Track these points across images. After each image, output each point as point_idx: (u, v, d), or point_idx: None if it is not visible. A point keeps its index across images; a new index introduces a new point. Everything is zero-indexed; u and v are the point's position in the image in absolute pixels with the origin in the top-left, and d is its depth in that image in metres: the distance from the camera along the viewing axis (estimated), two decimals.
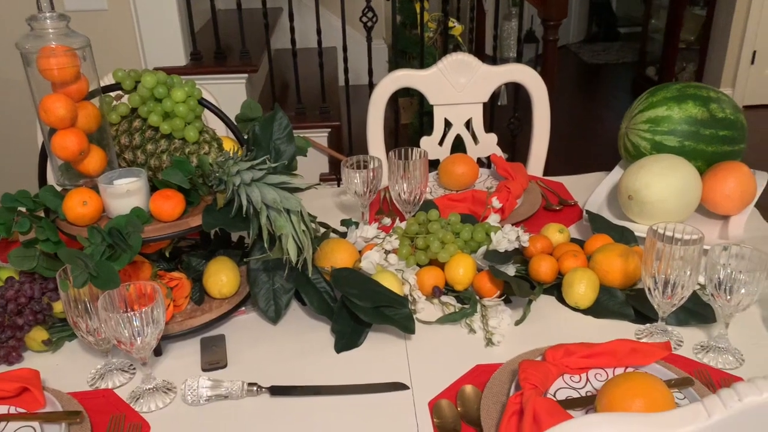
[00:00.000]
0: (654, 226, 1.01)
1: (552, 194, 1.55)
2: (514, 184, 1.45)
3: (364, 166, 1.38)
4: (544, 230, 1.29)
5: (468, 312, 1.10)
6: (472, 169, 1.54)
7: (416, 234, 1.23)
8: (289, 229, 1.01)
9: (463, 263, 1.17)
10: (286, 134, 1.18)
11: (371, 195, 1.37)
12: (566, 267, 1.17)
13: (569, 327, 1.11)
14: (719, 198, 1.33)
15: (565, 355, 0.95)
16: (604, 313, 1.12)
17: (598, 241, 1.23)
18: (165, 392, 0.98)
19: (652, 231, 1.00)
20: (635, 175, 1.32)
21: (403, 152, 1.37)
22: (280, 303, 1.12)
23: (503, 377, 0.96)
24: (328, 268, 1.16)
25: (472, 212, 1.40)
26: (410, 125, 3.48)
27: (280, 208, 1.00)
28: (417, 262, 1.21)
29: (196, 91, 1.06)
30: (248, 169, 1.02)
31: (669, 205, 1.29)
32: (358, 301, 1.07)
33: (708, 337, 1.07)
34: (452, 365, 1.02)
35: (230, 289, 1.11)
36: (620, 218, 1.38)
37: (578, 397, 0.91)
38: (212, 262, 1.12)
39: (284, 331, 1.12)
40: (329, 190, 1.64)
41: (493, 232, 1.22)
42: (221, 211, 1.03)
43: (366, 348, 1.07)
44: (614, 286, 1.15)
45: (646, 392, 0.81)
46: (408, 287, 1.16)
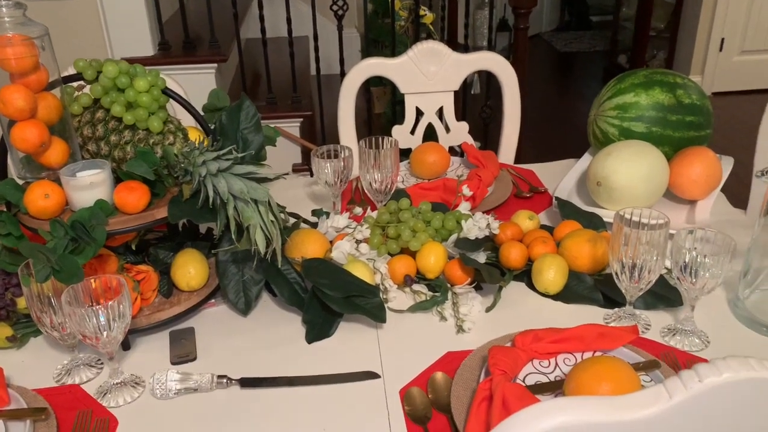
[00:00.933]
0: (621, 212, 1.02)
1: (523, 182, 1.56)
2: (485, 172, 1.45)
3: (334, 155, 1.37)
4: (515, 217, 1.29)
5: (439, 300, 1.10)
6: (443, 158, 1.54)
7: (387, 223, 1.23)
8: (257, 219, 1.00)
9: (434, 251, 1.17)
10: (254, 124, 1.16)
11: (342, 185, 1.36)
12: (536, 253, 1.18)
13: (539, 313, 1.11)
14: (686, 183, 1.35)
15: (534, 340, 0.96)
16: (573, 298, 1.13)
17: (567, 227, 1.24)
18: (133, 386, 0.96)
19: (619, 216, 1.01)
20: (603, 162, 1.33)
21: (373, 141, 1.36)
22: (250, 295, 1.11)
23: (473, 363, 0.97)
24: (298, 259, 1.15)
25: (444, 201, 1.40)
26: (383, 115, 3.47)
27: (248, 199, 0.99)
28: (388, 251, 1.21)
29: (159, 80, 1.04)
30: (214, 159, 1.01)
31: (637, 190, 1.30)
32: (329, 291, 1.07)
33: (675, 320, 1.08)
34: (423, 353, 1.02)
35: (199, 281, 1.10)
36: (589, 204, 1.40)
37: (547, 381, 0.92)
38: (180, 254, 1.11)
39: (255, 323, 1.11)
40: (300, 180, 1.63)
41: (464, 220, 1.22)
42: (187, 203, 1.02)
43: (337, 338, 1.07)
44: (583, 271, 1.16)
45: (613, 376, 0.81)
46: (379, 276, 1.16)
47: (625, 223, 1.01)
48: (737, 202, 1.47)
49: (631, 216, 1.03)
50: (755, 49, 4.31)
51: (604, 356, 0.85)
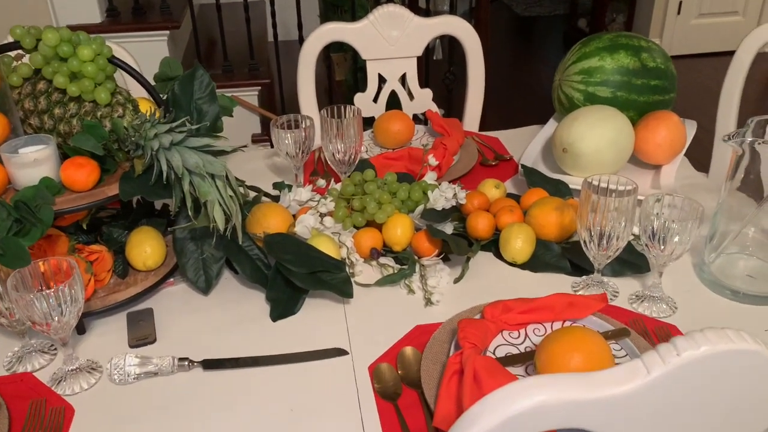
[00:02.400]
0: (588, 179, 1.00)
1: (488, 149, 1.53)
2: (450, 141, 1.42)
3: (295, 125, 1.32)
4: (481, 186, 1.27)
5: (406, 272, 1.08)
6: (407, 127, 1.50)
7: (352, 195, 1.19)
8: (214, 195, 0.95)
9: (401, 223, 1.14)
10: (208, 93, 1.11)
11: (304, 156, 1.32)
12: (503, 222, 1.16)
13: (507, 282, 1.10)
14: (651, 148, 1.34)
15: (504, 311, 0.94)
16: (540, 267, 1.12)
17: (533, 195, 1.22)
18: (89, 372, 0.92)
19: (587, 183, 1.00)
20: (569, 128, 1.31)
21: (335, 110, 1.32)
22: (210, 273, 1.07)
23: (443, 337, 0.95)
24: (260, 234, 1.11)
25: (409, 171, 1.37)
26: (344, 82, 3.40)
27: (204, 174, 0.94)
28: (353, 224, 1.17)
29: (105, 48, 0.98)
30: (167, 132, 0.96)
31: (603, 156, 1.29)
32: (293, 267, 1.03)
33: (642, 286, 1.08)
34: (392, 327, 1.00)
35: (155, 260, 1.05)
36: (555, 171, 1.38)
37: (518, 353, 0.91)
38: (135, 232, 1.06)
39: (216, 302, 1.07)
40: (261, 152, 1.58)
41: (430, 190, 1.19)
42: (140, 179, 0.96)
43: (303, 315, 1.04)
44: (550, 239, 1.15)
45: (584, 346, 0.80)
46: (345, 250, 1.13)
47: (593, 190, 1.00)
48: (698, 166, 1.47)
49: (599, 183, 1.01)
50: (713, 12, 4.34)
51: (574, 326, 0.84)
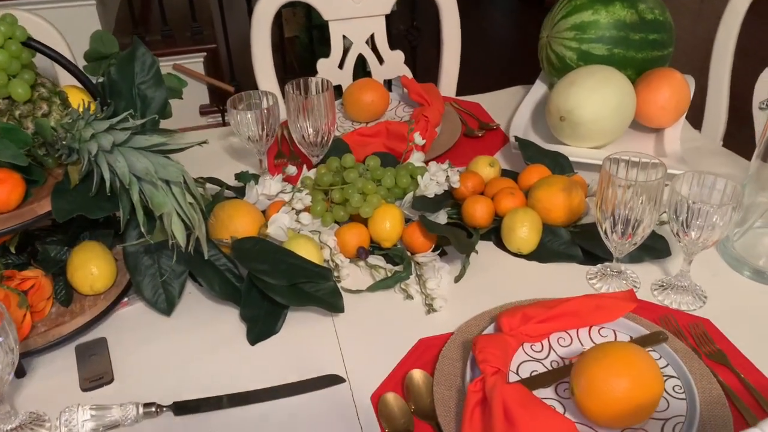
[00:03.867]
0: (613, 156, 0.87)
1: (471, 118, 1.39)
2: (431, 111, 1.27)
3: (255, 104, 1.15)
4: (473, 165, 1.13)
5: (402, 276, 0.94)
6: (381, 97, 1.34)
7: (330, 185, 1.04)
8: (171, 205, 0.78)
9: (390, 216, 1.00)
10: (153, 76, 0.92)
11: (269, 139, 1.15)
12: (504, 208, 1.03)
13: (514, 277, 0.97)
14: (654, 110, 1.21)
15: (523, 321, 0.81)
16: (549, 256, 1.00)
17: (533, 173, 1.09)
18: (33, 430, 0.76)
19: (609, 162, 0.87)
20: (566, 93, 1.17)
21: (302, 84, 1.14)
22: (171, 291, 0.91)
23: (453, 354, 0.82)
24: (227, 240, 0.95)
25: (389, 149, 1.21)
26: (297, 40, 3.17)
27: (156, 181, 0.77)
28: (335, 219, 1.02)
29: (18, 30, 0.78)
30: (107, 130, 0.78)
31: (605, 124, 1.16)
32: (269, 279, 0.88)
33: (664, 273, 0.97)
34: (392, 343, 0.86)
35: (104, 282, 0.88)
36: (547, 140, 1.25)
37: (545, 372, 0.78)
38: (77, 250, 0.88)
39: (181, 324, 0.91)
40: (214, 133, 1.40)
41: (420, 174, 1.04)
42: (77, 190, 0.79)
43: (286, 334, 0.89)
44: (557, 224, 1.02)
45: (631, 369, 0.68)
46: (328, 252, 0.98)
47: (613, 169, 0.87)
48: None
49: (619, 162, 0.88)
50: None
51: (615, 344, 0.72)
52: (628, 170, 0.89)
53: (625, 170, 0.89)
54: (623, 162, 0.89)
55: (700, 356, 0.81)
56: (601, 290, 0.94)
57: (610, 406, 0.67)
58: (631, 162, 0.89)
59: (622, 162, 0.89)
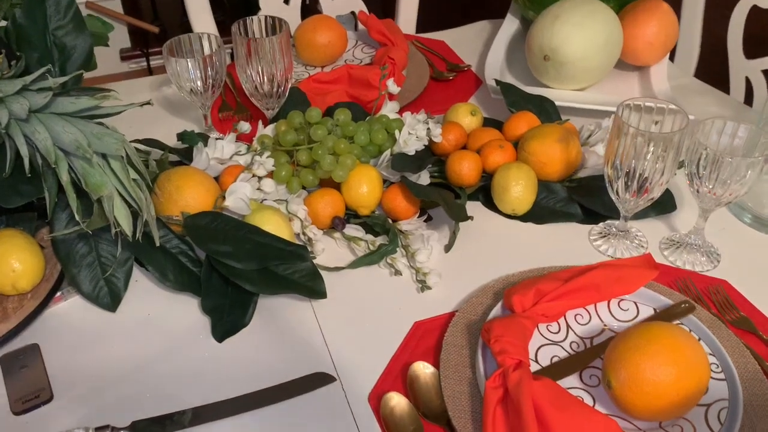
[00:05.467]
0: (627, 103, 0.76)
1: (437, 58, 1.25)
2: (396, 52, 1.12)
3: (194, 51, 0.97)
4: (452, 113, 1.00)
5: (389, 249, 0.82)
6: (339, 37, 1.18)
7: (295, 146, 0.89)
8: (111, 185, 0.62)
9: (366, 179, 0.87)
10: (71, 18, 0.74)
11: (216, 91, 0.98)
12: (493, 163, 0.91)
13: (510, 242, 0.87)
14: (641, 46, 1.11)
15: (536, 298, 0.71)
16: (546, 216, 0.90)
17: (521, 122, 0.97)
18: None
19: (622, 109, 0.76)
20: (550, 29, 1.05)
21: (249, 24, 0.98)
22: (115, 282, 0.75)
23: (458, 339, 0.71)
24: (177, 217, 0.80)
25: (353, 98, 1.07)
26: None
27: (90, 155, 0.61)
28: (303, 184, 0.88)
29: None
30: (19, 92, 0.61)
31: (592, 62, 1.05)
32: (234, 262, 0.74)
33: (669, 229, 0.89)
34: (383, 328, 0.75)
35: (30, 279, 0.72)
36: (525, 82, 1.13)
37: (567, 357, 0.69)
38: None
39: (130, 320, 0.76)
40: (144, 83, 1.21)
41: (397, 129, 0.91)
42: None
43: (258, 325, 0.76)
44: (552, 179, 0.91)
45: (677, 355, 0.59)
46: (298, 224, 0.84)
47: (626, 116, 0.76)
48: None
49: (630, 109, 0.78)
50: None
51: (653, 327, 0.62)
52: (642, 118, 0.78)
53: (637, 118, 0.78)
54: (634, 109, 0.78)
55: (725, 325, 0.73)
56: (608, 252, 0.85)
57: (657, 399, 0.59)
58: (645, 108, 0.78)
59: (634, 109, 0.78)
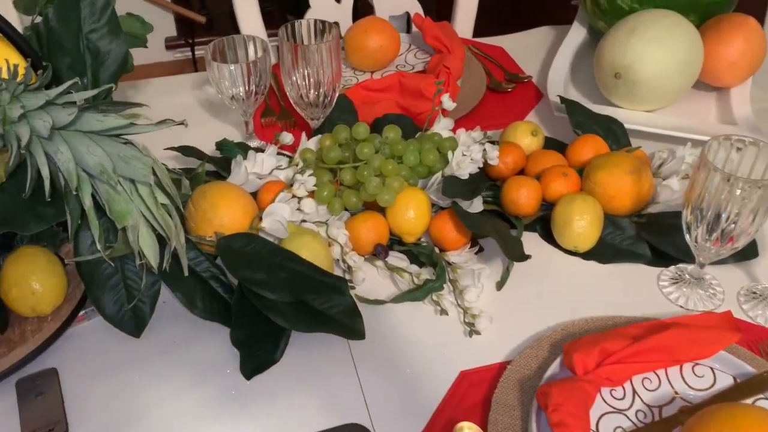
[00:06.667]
0: (720, 139, 0.67)
1: (495, 66, 1.16)
2: (452, 60, 1.04)
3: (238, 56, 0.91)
4: (510, 133, 0.92)
5: (435, 286, 0.74)
6: (392, 41, 1.10)
7: (339, 163, 0.82)
8: (136, 214, 0.57)
9: (414, 203, 0.80)
10: (107, 21, 0.69)
11: (259, 98, 0.92)
12: (554, 192, 0.83)
13: (569, 282, 0.79)
14: (723, 67, 1.01)
15: (600, 358, 0.63)
16: (611, 255, 0.81)
17: (587, 146, 0.88)
18: None
19: (712, 145, 0.67)
20: (624, 44, 0.95)
21: (296, 28, 0.91)
22: (141, 307, 0.70)
23: (509, 398, 0.64)
24: (210, 237, 0.74)
25: (403, 108, 0.99)
26: None
27: (116, 183, 0.55)
28: (345, 206, 0.81)
29: None
30: (42, 107, 0.55)
31: (668, 83, 0.96)
32: (267, 293, 0.68)
33: (749, 278, 0.79)
34: (426, 376, 0.68)
35: (51, 302, 0.67)
36: (592, 99, 1.05)
37: (633, 430, 0.61)
38: (11, 260, 0.66)
39: (155, 347, 0.71)
40: (186, 81, 1.16)
41: (450, 149, 0.83)
42: (4, 191, 0.57)
43: (289, 361, 0.70)
44: (620, 214, 0.83)
45: None
46: (338, 250, 0.78)
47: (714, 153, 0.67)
48: None
49: (719, 144, 0.69)
50: None
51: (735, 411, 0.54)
52: (729, 155, 0.70)
53: (724, 156, 0.69)
54: (723, 143, 0.69)
55: None
56: (678, 301, 0.76)
57: None
58: (735, 142, 0.69)
59: (722, 144, 0.69)
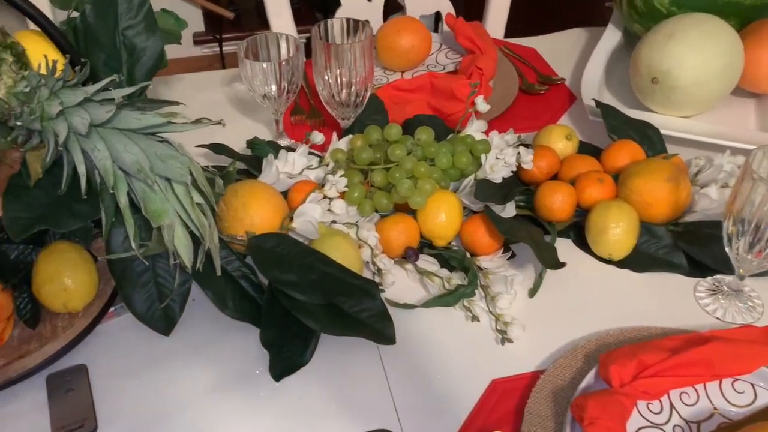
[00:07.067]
0: (765, 149, 0.66)
1: (528, 68, 1.15)
2: (485, 61, 1.03)
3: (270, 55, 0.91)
4: (544, 136, 0.91)
5: (466, 292, 0.73)
6: (423, 41, 1.09)
7: (371, 164, 0.81)
8: (172, 212, 0.56)
9: (446, 206, 0.79)
10: (143, 18, 0.68)
11: (291, 96, 0.91)
12: (589, 199, 0.82)
13: (603, 291, 0.77)
14: (764, 72, 0.99)
15: (637, 370, 0.62)
16: (646, 264, 0.79)
17: (623, 152, 0.87)
18: None
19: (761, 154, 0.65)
20: (662, 48, 0.93)
21: (332, 26, 0.90)
22: (171, 306, 0.70)
23: (542, 408, 0.63)
24: (241, 236, 0.74)
25: (434, 109, 0.98)
26: None
27: (154, 180, 0.55)
28: (376, 208, 0.80)
29: None
30: (80, 104, 0.55)
31: (706, 89, 0.94)
32: (297, 294, 0.68)
33: None
34: (457, 384, 0.67)
35: (82, 298, 0.67)
36: (626, 103, 1.02)
37: None
38: (44, 256, 0.66)
39: (184, 346, 0.71)
40: (215, 77, 1.15)
41: (484, 152, 0.82)
42: (40, 189, 0.56)
43: (317, 364, 0.69)
44: (656, 222, 0.81)
45: None
46: (368, 252, 0.77)
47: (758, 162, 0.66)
48: None
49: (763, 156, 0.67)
50: None
51: None
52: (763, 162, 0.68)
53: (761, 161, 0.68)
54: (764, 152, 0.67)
55: None
56: (716, 313, 0.74)
57: None
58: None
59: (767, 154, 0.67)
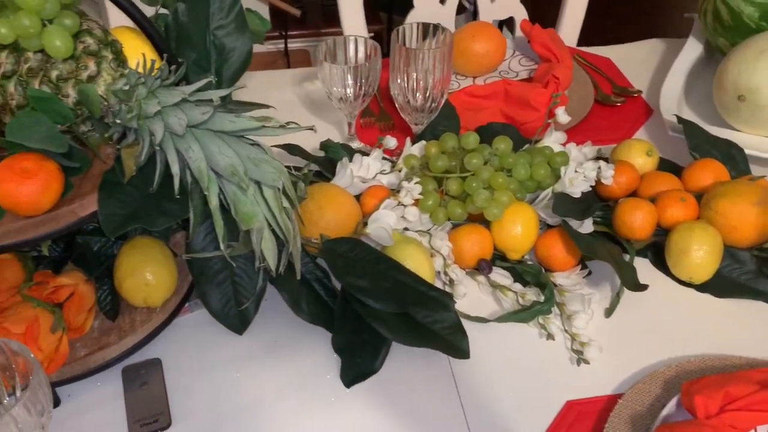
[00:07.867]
0: None
1: (603, 79, 1.12)
2: (561, 70, 1.01)
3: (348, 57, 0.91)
4: (623, 151, 0.88)
5: (543, 309, 0.72)
6: (498, 46, 1.07)
7: (446, 172, 0.80)
8: (261, 218, 0.56)
9: (522, 219, 0.77)
10: (234, 18, 0.69)
11: (366, 100, 0.91)
12: (670, 218, 0.79)
13: (682, 315, 0.75)
14: None
15: (724, 402, 0.60)
16: (728, 289, 0.77)
17: (706, 171, 0.84)
18: None
19: None
20: (752, 65, 0.90)
21: (410, 31, 0.89)
22: (247, 306, 0.70)
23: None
24: (316, 239, 0.73)
25: (508, 117, 0.97)
26: None
27: (246, 183, 0.55)
28: (449, 217, 0.79)
29: None
30: (177, 104, 0.55)
31: None
32: (371, 301, 0.67)
33: None
34: (530, 403, 0.66)
35: (162, 293, 0.68)
36: (709, 121, 0.99)
37: None
38: (126, 250, 0.67)
39: (257, 346, 0.71)
40: (285, 76, 1.16)
41: (562, 165, 0.81)
42: (133, 186, 0.57)
43: (388, 373, 0.69)
44: (740, 246, 0.78)
45: None
46: (440, 262, 0.76)
47: None
48: None
49: None
50: None
51: None
52: None
53: None
54: None
55: None
56: None
57: None
58: None
59: None
